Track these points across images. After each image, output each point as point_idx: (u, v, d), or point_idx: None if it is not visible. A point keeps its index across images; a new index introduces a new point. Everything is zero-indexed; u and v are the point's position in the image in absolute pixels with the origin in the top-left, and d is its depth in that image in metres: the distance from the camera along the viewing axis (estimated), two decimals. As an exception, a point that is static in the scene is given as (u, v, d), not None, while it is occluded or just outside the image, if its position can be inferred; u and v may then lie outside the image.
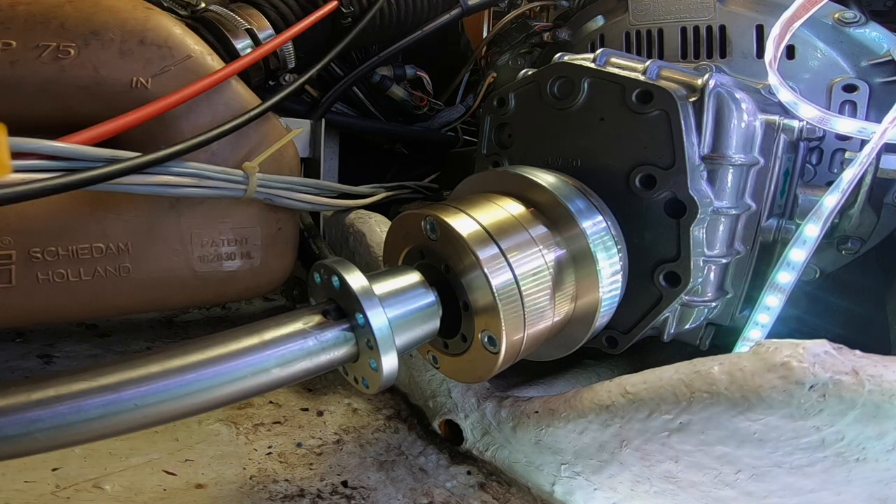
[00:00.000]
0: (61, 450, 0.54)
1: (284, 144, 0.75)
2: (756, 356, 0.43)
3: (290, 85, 0.77)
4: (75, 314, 0.71)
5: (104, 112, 0.61)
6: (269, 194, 0.72)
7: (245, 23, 0.75)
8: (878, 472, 0.41)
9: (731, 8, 0.70)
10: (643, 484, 0.51)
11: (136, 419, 0.35)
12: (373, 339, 0.40)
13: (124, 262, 0.67)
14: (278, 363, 0.39)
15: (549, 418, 0.54)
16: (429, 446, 0.62)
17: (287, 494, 0.54)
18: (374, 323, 0.40)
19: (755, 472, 0.45)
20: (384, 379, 0.42)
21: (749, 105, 0.55)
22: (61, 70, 0.60)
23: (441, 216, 0.46)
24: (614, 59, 0.56)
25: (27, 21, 0.59)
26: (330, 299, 0.44)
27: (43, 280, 0.63)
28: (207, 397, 0.37)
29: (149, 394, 0.35)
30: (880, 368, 0.39)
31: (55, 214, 0.63)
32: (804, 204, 0.63)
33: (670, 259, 0.53)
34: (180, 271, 0.70)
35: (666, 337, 0.59)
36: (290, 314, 0.42)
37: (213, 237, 0.71)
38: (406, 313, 0.44)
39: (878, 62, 0.64)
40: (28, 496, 0.50)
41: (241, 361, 0.38)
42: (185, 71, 0.66)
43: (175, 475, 0.55)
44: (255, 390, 0.39)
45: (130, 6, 0.65)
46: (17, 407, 0.32)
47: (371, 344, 0.41)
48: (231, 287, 0.75)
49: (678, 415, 0.47)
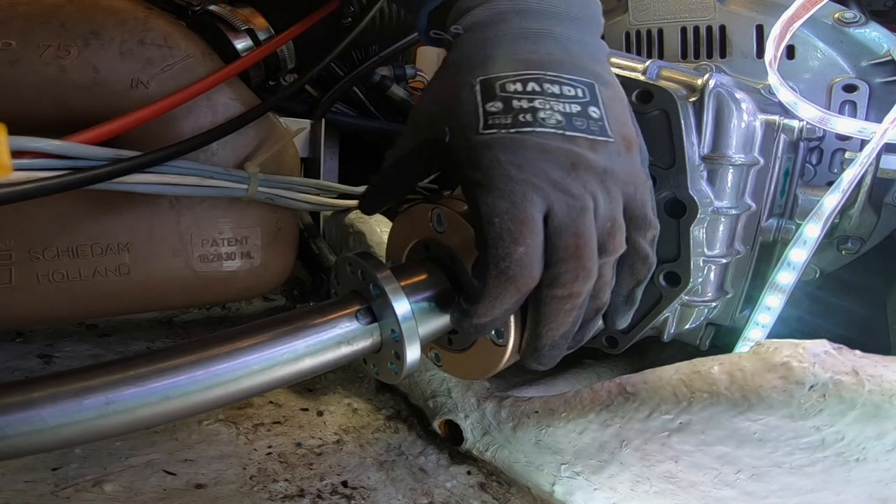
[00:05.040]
0: (61, 450, 0.54)
1: (285, 144, 0.75)
2: (756, 356, 0.43)
3: (290, 85, 0.77)
4: (75, 314, 0.71)
5: (104, 112, 0.61)
6: (270, 194, 0.72)
7: (245, 23, 0.75)
8: (878, 472, 0.41)
9: (731, 8, 0.70)
10: (643, 484, 0.51)
11: (165, 411, 0.36)
12: (398, 330, 0.42)
13: (124, 262, 0.67)
14: (308, 352, 0.40)
15: (549, 418, 0.54)
16: (429, 446, 0.62)
17: (287, 494, 0.54)
18: (399, 314, 0.41)
19: (755, 472, 0.45)
20: (406, 369, 0.43)
21: (749, 105, 0.55)
22: (61, 70, 0.60)
23: (449, 208, 0.46)
24: (614, 59, 0.56)
25: (27, 21, 0.59)
26: (353, 291, 0.45)
27: (43, 280, 0.63)
28: (239, 387, 0.38)
29: (177, 385, 0.36)
30: (880, 368, 0.39)
31: (55, 214, 0.64)
32: (804, 204, 0.63)
33: (670, 259, 0.53)
34: (180, 271, 0.70)
35: (666, 337, 0.59)
36: (317, 306, 0.43)
37: (213, 237, 0.71)
38: (427, 305, 0.44)
39: (878, 62, 0.64)
40: (28, 496, 0.50)
41: (271, 352, 0.39)
42: (185, 71, 0.66)
43: (175, 475, 0.55)
44: (281, 381, 0.40)
45: (130, 6, 0.65)
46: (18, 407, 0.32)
47: (396, 335, 0.42)
48: (231, 287, 0.75)
49: (678, 415, 0.47)
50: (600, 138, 0.39)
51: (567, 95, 0.39)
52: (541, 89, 0.39)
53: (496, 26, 0.42)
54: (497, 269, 0.37)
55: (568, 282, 0.39)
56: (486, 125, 0.39)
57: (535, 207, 0.37)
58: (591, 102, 0.40)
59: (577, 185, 0.38)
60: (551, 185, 0.38)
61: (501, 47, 0.41)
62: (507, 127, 0.38)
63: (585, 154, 0.38)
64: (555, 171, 0.38)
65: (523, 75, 0.39)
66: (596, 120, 0.40)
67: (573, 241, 0.38)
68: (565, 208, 0.38)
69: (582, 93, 0.40)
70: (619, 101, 0.43)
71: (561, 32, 0.42)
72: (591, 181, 0.38)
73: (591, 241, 0.39)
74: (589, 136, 0.39)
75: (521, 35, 0.41)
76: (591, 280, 0.39)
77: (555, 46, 0.41)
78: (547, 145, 0.38)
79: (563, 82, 0.39)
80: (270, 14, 0.78)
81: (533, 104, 0.38)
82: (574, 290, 0.39)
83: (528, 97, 0.39)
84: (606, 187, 0.39)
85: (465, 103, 0.40)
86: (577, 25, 0.43)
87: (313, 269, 0.85)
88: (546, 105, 0.39)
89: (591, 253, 0.39)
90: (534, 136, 0.38)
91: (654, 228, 0.43)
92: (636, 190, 0.41)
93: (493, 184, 0.38)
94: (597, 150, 0.39)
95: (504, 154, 0.38)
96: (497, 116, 0.39)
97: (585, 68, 0.41)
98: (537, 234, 0.37)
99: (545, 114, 0.38)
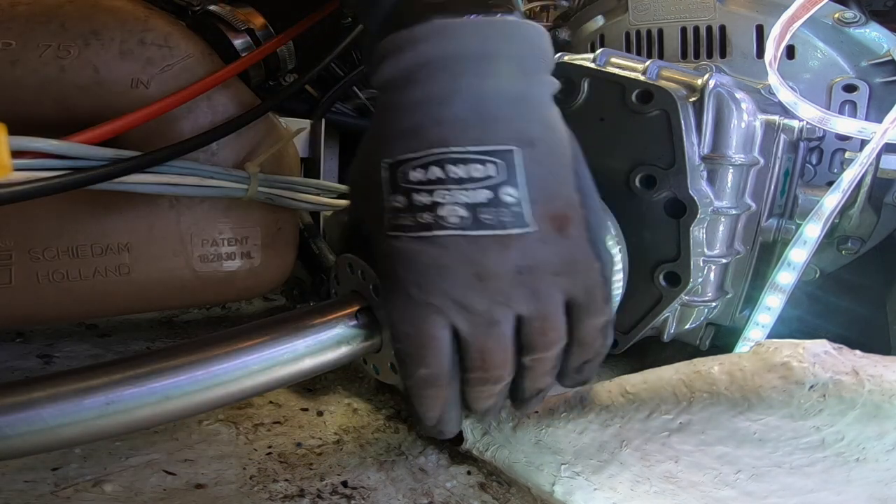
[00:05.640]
0: (61, 450, 0.54)
1: (284, 144, 0.75)
2: (756, 356, 0.43)
3: (290, 85, 0.77)
4: (75, 314, 0.71)
5: (104, 112, 0.61)
6: (270, 194, 0.72)
7: (245, 23, 0.75)
8: (878, 472, 0.41)
9: (731, 8, 0.70)
10: (643, 484, 0.51)
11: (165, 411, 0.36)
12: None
13: (124, 262, 0.67)
14: (308, 352, 0.40)
15: (548, 418, 0.54)
16: (429, 446, 0.62)
17: (287, 494, 0.54)
18: None
19: (755, 472, 0.45)
20: None
21: (749, 105, 0.55)
22: (61, 70, 0.60)
23: None
24: (614, 59, 0.56)
25: (27, 21, 0.59)
26: (354, 291, 0.45)
27: (43, 280, 0.63)
28: (239, 387, 0.38)
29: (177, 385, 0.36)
30: (880, 368, 0.39)
31: (55, 214, 0.64)
32: (804, 204, 0.63)
33: (670, 259, 0.53)
34: (180, 271, 0.70)
35: (666, 337, 0.59)
36: (317, 306, 0.43)
37: (213, 237, 0.71)
38: None
39: (878, 62, 0.64)
40: (28, 496, 0.50)
41: (271, 352, 0.39)
42: (185, 71, 0.66)
43: (175, 475, 0.55)
44: (281, 381, 0.40)
45: (130, 6, 0.65)
46: (18, 407, 0.32)
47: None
48: (231, 287, 0.75)
49: (678, 415, 0.47)
50: (514, 231, 0.34)
51: (474, 178, 0.34)
52: (444, 175, 0.34)
53: (402, 90, 0.36)
54: (410, 382, 0.38)
55: (477, 384, 0.38)
56: (390, 226, 0.36)
57: (437, 327, 0.35)
58: (507, 182, 0.34)
59: (482, 299, 0.35)
60: (452, 304, 0.35)
61: (407, 118, 0.36)
62: (408, 230, 0.35)
63: (492, 260, 0.34)
64: (455, 288, 0.34)
65: (425, 157, 0.34)
66: (510, 206, 0.34)
67: (478, 357, 0.36)
68: (469, 327, 0.35)
69: (495, 170, 0.34)
70: (550, 164, 0.36)
71: (473, 86, 0.35)
72: (501, 289, 0.35)
73: (499, 353, 0.36)
74: (498, 233, 0.34)
75: (425, 99, 0.35)
76: (503, 382, 0.39)
77: (464, 108, 0.35)
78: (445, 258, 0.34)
79: (471, 160, 0.34)
80: (270, 14, 0.78)
81: (433, 197, 0.34)
82: (485, 391, 0.39)
83: (429, 188, 0.34)
84: (527, 285, 0.35)
85: (373, 196, 0.37)
86: (501, 67, 0.36)
87: (313, 269, 0.85)
88: (447, 198, 0.34)
89: (501, 363, 0.37)
90: (433, 245, 0.34)
91: (604, 315, 0.39)
92: (575, 276, 0.36)
93: (394, 304, 0.36)
94: (510, 246, 0.34)
95: (403, 270, 0.35)
96: (400, 216, 0.35)
97: (505, 128, 0.35)
98: (441, 352, 0.36)
99: (446, 210, 0.34)
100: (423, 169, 0.34)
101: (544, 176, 0.35)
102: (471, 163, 0.34)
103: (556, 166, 0.36)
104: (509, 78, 0.36)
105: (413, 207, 0.35)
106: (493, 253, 0.34)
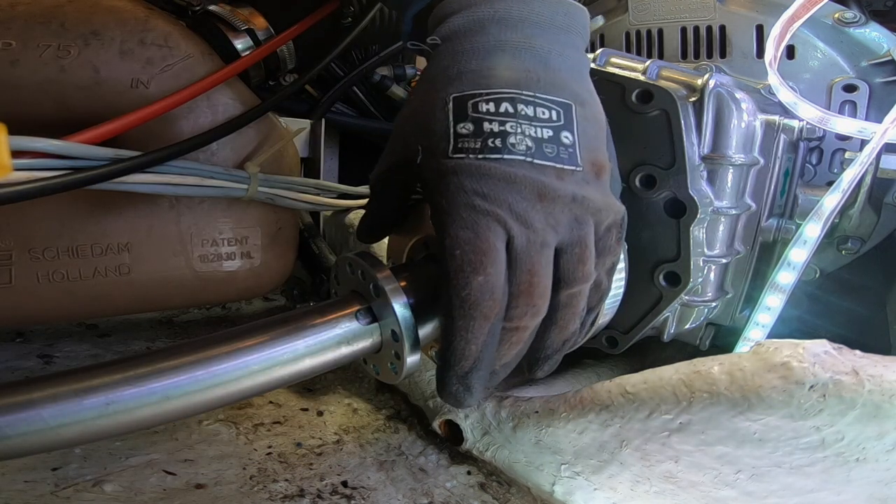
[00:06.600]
0: (61, 450, 0.54)
1: (285, 144, 0.75)
2: (756, 356, 0.43)
3: (290, 85, 0.77)
4: (75, 314, 0.71)
5: (104, 112, 0.61)
6: (270, 194, 0.72)
7: (245, 23, 0.75)
8: (878, 472, 0.41)
9: (731, 8, 0.70)
10: (643, 484, 0.51)
11: (165, 411, 0.36)
12: (398, 330, 0.41)
13: (124, 262, 0.67)
14: (308, 352, 0.40)
15: (549, 418, 0.54)
16: (429, 446, 0.62)
17: (287, 494, 0.54)
18: (399, 315, 0.41)
19: (755, 472, 0.45)
20: (406, 369, 0.43)
21: (749, 105, 0.55)
22: (61, 70, 0.60)
23: None
24: (614, 58, 0.56)
25: (27, 21, 0.59)
26: (353, 291, 0.45)
27: (43, 280, 0.63)
28: (239, 387, 0.38)
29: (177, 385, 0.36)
30: (880, 368, 0.39)
31: (55, 214, 0.64)
32: (804, 204, 0.63)
33: (670, 259, 0.53)
34: (180, 271, 0.70)
35: (666, 337, 0.59)
36: (317, 306, 0.43)
37: (213, 237, 0.71)
38: (427, 304, 0.44)
39: (878, 62, 0.64)
40: (28, 496, 0.50)
41: (271, 352, 0.39)
42: (186, 71, 0.66)
43: (175, 475, 0.55)
44: (281, 381, 0.40)
45: (130, 6, 0.65)
46: (18, 407, 0.32)
47: (396, 335, 0.42)
48: (231, 287, 0.75)
49: (678, 415, 0.47)
50: (568, 167, 0.39)
51: (541, 119, 0.39)
52: (514, 111, 0.38)
53: (473, 37, 0.41)
54: (459, 298, 0.37)
55: (516, 317, 0.39)
56: (455, 148, 0.38)
57: (496, 237, 0.37)
58: (565, 126, 0.39)
59: (540, 217, 0.38)
60: (514, 217, 0.37)
61: (477, 61, 0.40)
62: (475, 152, 0.38)
63: (552, 184, 0.38)
64: (519, 202, 0.37)
65: (498, 94, 0.39)
66: (566, 146, 0.39)
67: (527, 278, 0.38)
68: (525, 242, 0.38)
69: (556, 115, 0.39)
70: (595, 123, 0.42)
71: (541, 45, 0.40)
72: (556, 212, 0.38)
73: (545, 280, 0.39)
74: (557, 165, 0.38)
75: (498, 47, 0.40)
76: (538, 317, 0.40)
77: (533, 62, 0.40)
78: (513, 175, 0.37)
79: (539, 103, 0.39)
80: (270, 14, 0.78)
81: (504, 128, 0.38)
82: (521, 324, 0.39)
83: (500, 119, 0.38)
84: (575, 215, 0.39)
85: (437, 123, 0.39)
86: (560, 37, 0.42)
87: (313, 269, 0.86)
88: (517, 129, 0.38)
89: (543, 291, 0.39)
90: (501, 164, 0.37)
91: (616, 255, 0.44)
92: (606, 214, 0.41)
93: (457, 212, 0.37)
94: (564, 178, 0.39)
95: (470, 182, 0.37)
96: (467, 140, 0.38)
97: (564, 87, 0.40)
98: (499, 263, 0.37)
99: (515, 139, 0.38)
100: (495, 103, 0.38)
101: (590, 131, 0.41)
102: (539, 106, 0.39)
103: (598, 126, 0.42)
104: (569, 47, 0.42)
105: (482, 133, 0.38)
106: (552, 180, 0.38)
